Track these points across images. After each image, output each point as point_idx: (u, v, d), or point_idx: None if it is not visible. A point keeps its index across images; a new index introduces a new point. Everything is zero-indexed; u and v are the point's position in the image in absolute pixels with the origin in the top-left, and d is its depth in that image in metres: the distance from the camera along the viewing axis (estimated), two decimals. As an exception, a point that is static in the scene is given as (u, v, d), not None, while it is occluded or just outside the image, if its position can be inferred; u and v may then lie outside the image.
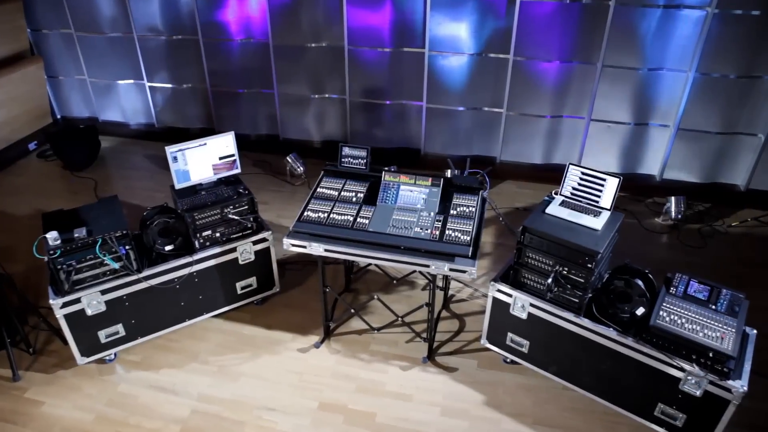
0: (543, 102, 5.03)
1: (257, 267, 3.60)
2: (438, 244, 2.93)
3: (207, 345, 3.49)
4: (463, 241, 2.94)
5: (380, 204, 3.20)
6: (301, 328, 3.60)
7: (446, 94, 5.18)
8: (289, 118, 5.71)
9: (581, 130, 5.08)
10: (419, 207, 3.17)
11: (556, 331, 2.94)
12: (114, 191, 5.17)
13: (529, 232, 2.86)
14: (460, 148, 5.44)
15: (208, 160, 3.38)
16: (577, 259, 2.74)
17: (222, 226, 3.37)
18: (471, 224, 3.04)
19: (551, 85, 4.93)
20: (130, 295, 3.20)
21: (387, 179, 3.30)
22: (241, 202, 3.37)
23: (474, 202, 3.20)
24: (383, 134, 5.55)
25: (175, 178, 3.32)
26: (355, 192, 3.30)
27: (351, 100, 5.40)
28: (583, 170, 2.95)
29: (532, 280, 2.95)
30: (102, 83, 6.02)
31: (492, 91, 5.09)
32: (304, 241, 3.02)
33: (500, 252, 4.30)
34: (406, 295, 3.88)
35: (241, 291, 3.62)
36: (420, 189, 3.25)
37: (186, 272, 3.31)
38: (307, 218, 3.13)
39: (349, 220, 3.10)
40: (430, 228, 3.02)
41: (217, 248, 3.39)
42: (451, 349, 3.45)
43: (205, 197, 3.32)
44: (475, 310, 3.76)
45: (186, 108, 5.95)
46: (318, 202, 3.24)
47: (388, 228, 3.03)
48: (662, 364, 2.66)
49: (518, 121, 5.17)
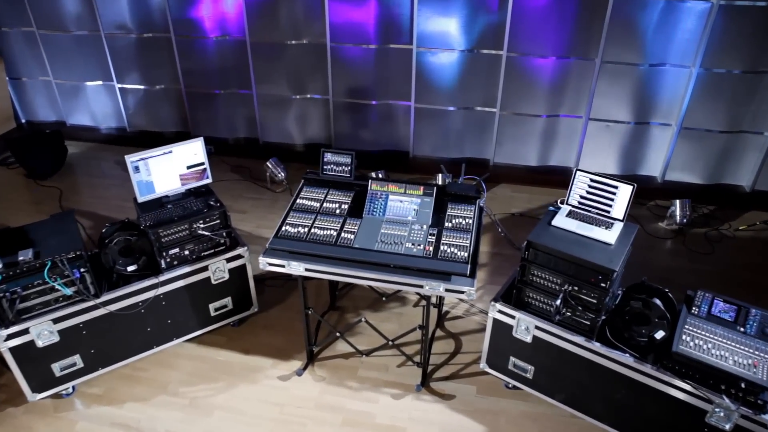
0: (538, 100, 4.75)
1: (232, 286, 3.27)
2: (432, 261, 2.62)
3: (178, 374, 3.15)
4: (460, 258, 2.63)
5: (367, 216, 2.89)
6: (282, 352, 3.27)
7: (436, 93, 4.89)
8: (269, 120, 5.40)
9: (579, 130, 4.81)
10: (410, 219, 2.86)
11: (564, 356, 2.64)
12: (81, 201, 4.82)
13: (535, 247, 2.55)
14: (451, 150, 5.15)
15: (174, 169, 3.04)
16: (589, 277, 2.45)
17: (191, 242, 3.03)
18: (468, 238, 2.74)
19: (547, 83, 4.66)
20: (87, 323, 2.85)
21: (374, 188, 2.98)
22: (212, 216, 3.03)
23: (470, 212, 2.90)
24: (369, 136, 5.25)
25: (137, 191, 2.97)
26: (338, 203, 2.99)
27: (334, 100, 5.10)
28: (593, 177, 2.66)
29: (538, 300, 2.65)
30: (68, 85, 5.65)
31: (484, 89, 4.80)
32: (282, 260, 2.70)
33: (497, 263, 4.01)
34: (397, 313, 3.56)
35: (215, 313, 3.29)
36: (410, 199, 2.93)
37: (151, 295, 2.97)
38: (285, 234, 2.81)
39: (333, 236, 2.78)
40: (423, 243, 2.71)
41: (186, 267, 3.05)
42: (447, 374, 3.15)
43: (172, 211, 2.98)
44: (472, 328, 3.45)
45: (159, 111, 5.61)
46: (298, 215, 2.92)
47: (376, 244, 2.72)
48: (686, 394, 2.37)
49: (512, 120, 4.89)
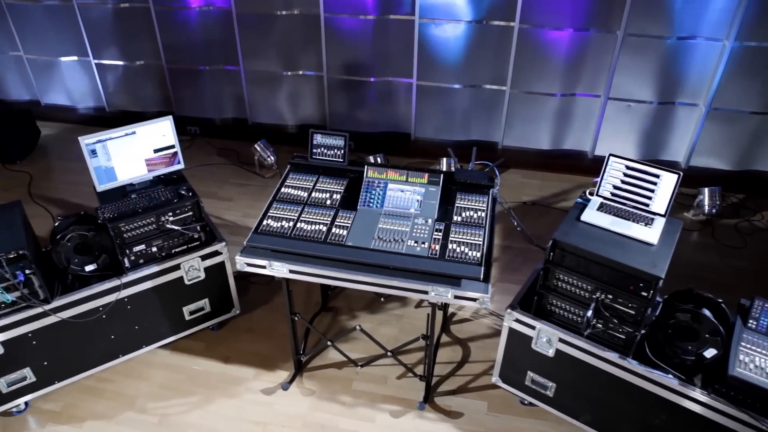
0: (553, 78, 4.32)
1: (209, 286, 2.87)
2: (439, 262, 2.23)
3: (147, 386, 2.77)
4: (472, 259, 2.23)
5: (362, 208, 2.48)
6: (267, 361, 2.89)
7: (440, 70, 4.46)
8: (259, 99, 4.98)
9: (597, 111, 4.39)
10: (413, 212, 2.45)
11: (592, 374, 2.26)
12: (53, 188, 4.42)
13: (561, 247, 2.15)
14: (457, 132, 4.72)
15: (139, 153, 2.63)
16: (628, 284, 2.05)
17: (159, 238, 2.63)
18: (481, 234, 2.33)
19: (563, 58, 4.22)
20: (37, 332, 2.46)
21: (371, 175, 2.57)
22: (183, 207, 2.62)
23: (483, 204, 2.49)
24: (367, 117, 4.83)
25: (95, 178, 2.57)
26: (329, 192, 2.58)
27: (329, 77, 4.67)
28: (629, 164, 2.25)
29: (563, 309, 2.26)
30: (41, 60, 5.21)
31: (493, 65, 4.37)
32: (263, 259, 2.30)
33: (508, 257, 3.61)
34: (397, 315, 3.18)
35: (191, 316, 2.90)
36: (413, 188, 2.53)
37: (113, 299, 2.57)
38: (266, 229, 2.40)
39: (322, 231, 2.38)
40: (428, 240, 2.31)
41: (154, 266, 2.65)
42: (454, 387, 2.77)
43: (136, 202, 2.57)
44: (482, 333, 3.07)
45: (140, 89, 5.18)
46: (282, 207, 2.51)
47: (373, 241, 2.32)
48: (743, 426, 1.99)
49: (524, 100, 4.46)
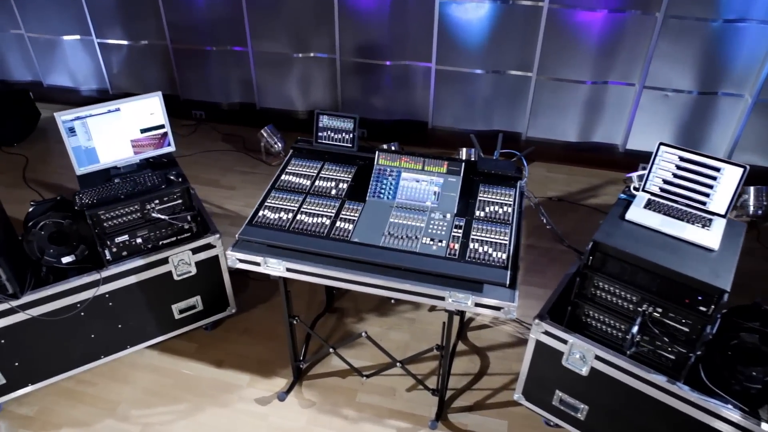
0: (583, 64, 3.98)
1: (202, 283, 2.60)
2: (458, 264, 1.92)
3: (131, 391, 2.52)
4: (497, 261, 1.93)
5: (371, 199, 2.19)
6: (264, 366, 2.62)
7: (461, 54, 4.14)
8: (267, 82, 4.70)
9: (630, 100, 4.04)
10: (429, 205, 2.15)
11: (634, 399, 1.94)
12: (49, 172, 4.20)
13: (603, 250, 1.83)
14: (477, 121, 4.40)
15: (124, 133, 2.36)
16: (682, 297, 1.73)
17: (145, 228, 2.36)
18: (507, 233, 2.03)
19: (595, 42, 3.88)
20: (6, 330, 2.21)
21: (382, 163, 2.27)
22: (171, 195, 2.34)
23: (509, 198, 2.18)
24: (382, 103, 4.52)
25: (74, 160, 2.30)
26: (335, 181, 2.28)
27: (342, 60, 4.37)
28: (684, 154, 1.93)
29: (601, 322, 1.95)
30: (43, 39, 4.99)
31: (519, 49, 4.03)
32: (257, 255, 2.02)
33: (532, 257, 3.29)
34: (409, 319, 2.88)
35: (181, 315, 2.63)
36: (430, 178, 2.22)
37: (91, 294, 2.31)
38: (262, 220, 2.12)
39: (325, 225, 2.09)
40: (446, 238, 2.01)
41: (139, 259, 2.38)
42: (471, 402, 2.47)
43: (118, 187, 2.30)
44: (503, 341, 2.76)
45: (144, 70, 4.94)
46: (281, 196, 2.22)
47: (383, 238, 2.02)
48: (820, 469, 1.67)
49: (551, 87, 4.12)
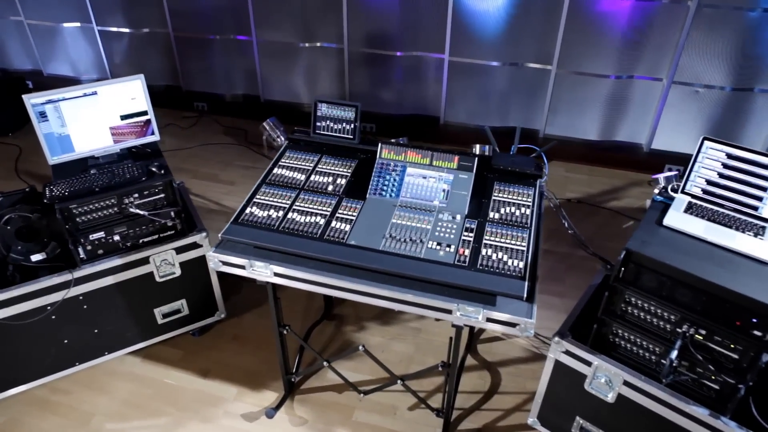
0: (607, 57, 3.71)
1: (187, 285, 2.38)
2: (468, 272, 1.68)
3: (108, 401, 2.31)
4: (512, 270, 1.68)
5: (372, 197, 1.95)
6: (253, 378, 2.40)
7: (476, 44, 3.89)
8: (272, 74, 4.48)
9: (657, 97, 3.76)
10: (437, 204, 1.91)
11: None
12: (42, 163, 3.97)
13: (638, 261, 1.58)
14: (492, 116, 4.14)
15: (102, 119, 2.15)
16: (733, 318, 1.48)
17: (123, 224, 2.14)
18: (524, 237, 1.78)
19: (620, 33, 3.61)
20: (-33, 333, 2.02)
21: (386, 156, 2.04)
22: (152, 188, 2.13)
23: (528, 198, 1.93)
24: (391, 97, 4.29)
25: (45, 147, 2.09)
26: (333, 176, 2.05)
27: (350, 50, 4.14)
28: (733, 151, 1.66)
29: (632, 343, 1.69)
30: (43, 27, 4.81)
31: (538, 40, 3.78)
32: (242, 257, 1.80)
33: (550, 264, 3.03)
34: (414, 328, 2.65)
35: (164, 320, 2.42)
36: (439, 174, 1.98)
37: (60, 297, 2.10)
38: (249, 218, 1.89)
39: (319, 225, 1.85)
40: (455, 243, 1.77)
41: (116, 259, 2.17)
42: (479, 425, 2.22)
43: (94, 179, 2.09)
44: (517, 356, 2.52)
45: (146, 60, 4.74)
46: (272, 192, 2.00)
47: (383, 240, 1.79)
48: None
49: (572, 82, 3.85)
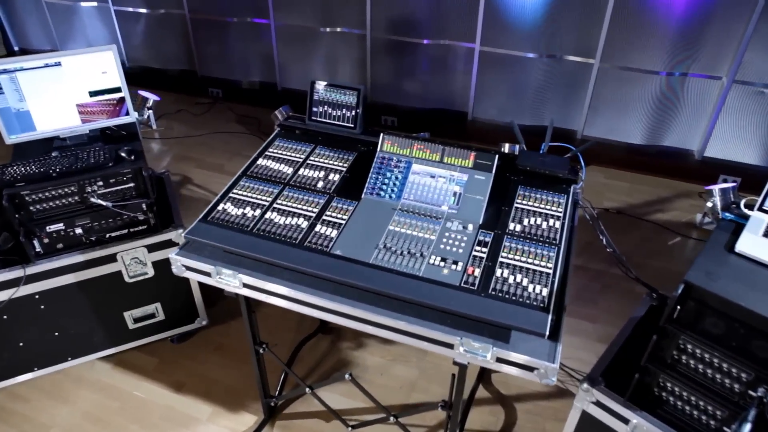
0: (658, 50, 3.30)
1: (162, 287, 2.11)
2: (477, 299, 1.34)
3: (68, 413, 2.05)
4: (533, 298, 1.34)
5: (368, 197, 1.63)
6: (232, 396, 2.10)
7: (510, 33, 3.53)
8: (290, 60, 4.21)
9: (714, 97, 3.32)
10: (445, 210, 1.58)
11: None
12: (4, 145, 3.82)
13: (700, 298, 1.20)
14: (525, 114, 3.77)
15: (68, 95, 1.88)
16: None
17: (86, 216, 1.87)
18: (551, 257, 1.43)
19: (675, 25, 3.19)
20: None
21: (387, 149, 1.71)
22: (120, 176, 1.85)
23: (558, 207, 1.58)
24: (416, 89, 3.96)
25: (2, 125, 1.83)
26: (326, 170, 1.73)
27: (373, 36, 3.83)
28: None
29: (686, 401, 1.32)
30: (60, 5, 4.65)
31: (580, 30, 3.39)
32: (208, 263, 1.50)
33: (580, 282, 2.65)
34: (419, 349, 2.30)
35: (136, 325, 2.15)
36: (450, 173, 1.64)
37: (9, 295, 1.84)
38: (221, 216, 1.59)
39: (301, 228, 1.54)
40: (463, 259, 1.43)
41: (77, 254, 1.90)
42: (488, 472, 1.89)
43: (54, 162, 1.82)
44: (536, 390, 2.16)
45: (161, 43, 4.55)
46: (252, 186, 1.69)
47: (375, 251, 1.46)
48: None
49: (616, 78, 3.45)
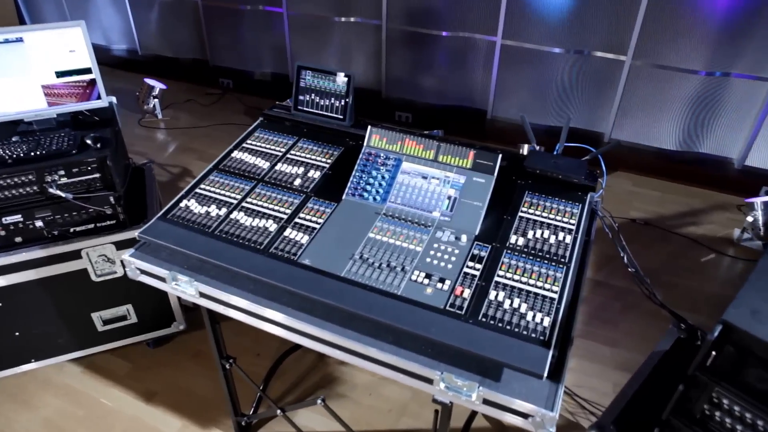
0: (698, 47, 3.01)
1: (134, 288, 1.94)
2: (464, 326, 1.12)
3: (29, 420, 1.90)
4: (532, 328, 1.11)
5: (349, 199, 1.42)
6: (205, 409, 1.92)
7: (535, 26, 3.28)
8: (303, 51, 4.05)
9: (759, 101, 3.02)
10: (437, 217, 1.36)
11: None
12: None
13: (741, 342, 0.95)
14: (549, 113, 3.51)
15: (32, 75, 1.71)
16: None
17: (48, 208, 1.71)
18: (558, 278, 1.20)
19: (718, 20, 2.91)
20: None
21: (375, 144, 1.49)
22: (82, 165, 1.67)
23: (572, 218, 1.34)
24: (433, 84, 3.74)
25: (-42, 103, 1.68)
26: (306, 166, 1.53)
27: (389, 27, 3.62)
28: None
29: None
30: (76, -8, 4.58)
31: (612, 23, 3.12)
32: (163, 267, 1.32)
33: (599, 299, 2.39)
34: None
35: (106, 327, 1.98)
36: (446, 174, 1.42)
37: (-37, 291, 1.70)
38: (182, 214, 1.40)
39: (268, 232, 1.34)
40: (452, 277, 1.21)
41: (38, 249, 1.74)
42: None
43: (12, 147, 1.66)
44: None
45: (173, 31, 4.44)
46: (222, 181, 1.50)
47: (350, 263, 1.25)
48: None
49: (649, 77, 3.17)
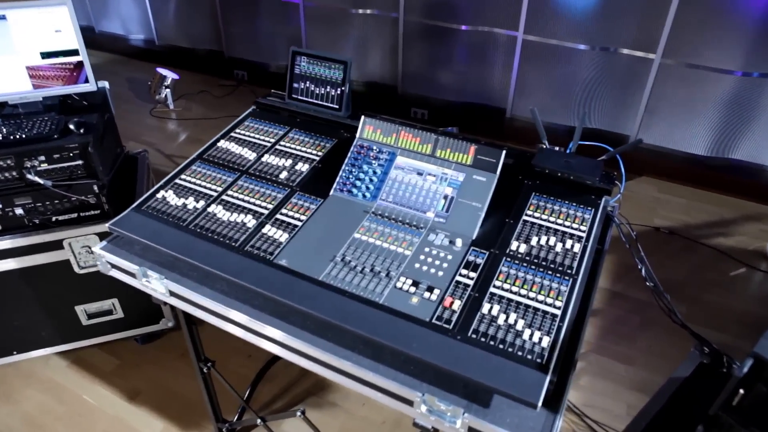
0: (734, 46, 2.82)
1: (120, 281, 1.85)
2: (451, 342, 0.99)
3: (8, 415, 1.83)
4: (528, 349, 0.97)
5: (337, 195, 1.30)
6: (189, 412, 1.83)
7: (559, 21, 3.13)
8: (318, 44, 3.96)
9: (800, 105, 2.81)
10: (431, 218, 1.23)
11: None
12: None
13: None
14: (571, 113, 3.34)
15: (15, 55, 1.64)
16: None
17: (28, 195, 1.63)
18: (564, 291, 1.06)
19: (756, 16, 2.71)
20: None
21: (368, 136, 1.37)
22: (64, 151, 1.59)
23: (582, 224, 1.20)
24: (451, 80, 3.61)
25: (-62, 83, 1.61)
26: (295, 158, 1.41)
27: (407, 20, 3.50)
28: None
29: None
30: (96, -18, 4.58)
31: (641, 19, 2.95)
32: (134, 261, 1.22)
33: (615, 313, 2.23)
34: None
35: (91, 321, 1.90)
36: (443, 171, 1.29)
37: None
38: (157, 206, 1.30)
39: (247, 228, 1.23)
40: (442, 286, 1.08)
41: (19, 237, 1.66)
42: None
43: (-8, 129, 1.59)
44: None
45: (189, 22, 4.41)
46: (204, 172, 1.39)
47: (330, 265, 1.13)
48: None
49: (680, 76, 2.98)
